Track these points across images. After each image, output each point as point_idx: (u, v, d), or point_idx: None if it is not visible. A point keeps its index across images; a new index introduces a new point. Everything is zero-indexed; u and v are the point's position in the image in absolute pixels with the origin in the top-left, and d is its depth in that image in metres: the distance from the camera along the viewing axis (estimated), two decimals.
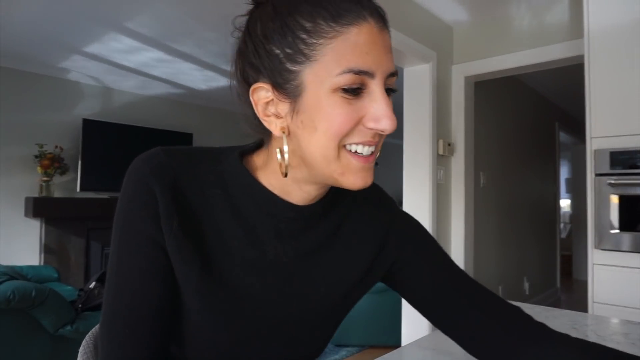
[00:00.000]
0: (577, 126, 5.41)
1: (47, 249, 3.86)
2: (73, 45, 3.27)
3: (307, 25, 0.48)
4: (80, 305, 2.36)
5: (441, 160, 2.79)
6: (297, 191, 0.56)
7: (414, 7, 2.58)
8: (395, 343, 2.98)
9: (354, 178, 0.51)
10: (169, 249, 0.53)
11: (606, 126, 1.83)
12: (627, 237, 1.77)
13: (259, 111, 0.53)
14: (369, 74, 0.48)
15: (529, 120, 4.28)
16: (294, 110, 0.50)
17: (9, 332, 2.01)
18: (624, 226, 1.77)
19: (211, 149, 0.59)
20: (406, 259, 0.64)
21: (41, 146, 3.72)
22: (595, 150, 1.85)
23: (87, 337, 0.76)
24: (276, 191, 0.56)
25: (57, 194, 3.87)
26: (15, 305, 1.95)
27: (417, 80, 2.71)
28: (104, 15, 2.77)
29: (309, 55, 0.48)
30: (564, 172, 7.01)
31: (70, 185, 4.01)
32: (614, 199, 1.80)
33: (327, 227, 0.60)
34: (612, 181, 1.80)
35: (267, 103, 0.52)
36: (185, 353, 0.60)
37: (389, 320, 3.10)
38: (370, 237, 0.63)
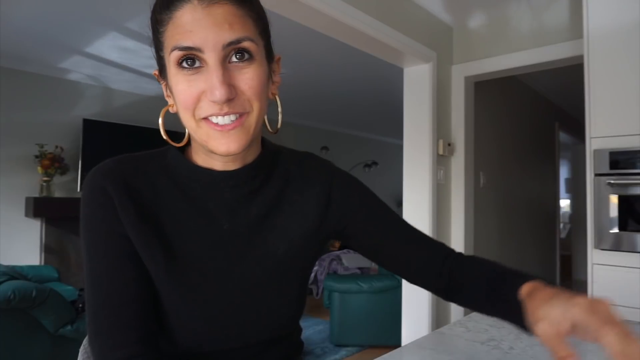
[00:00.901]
0: (577, 126, 5.41)
1: (48, 249, 3.87)
2: (73, 45, 3.27)
3: (158, 17, 0.56)
4: (80, 305, 2.36)
5: (441, 160, 2.79)
6: (214, 161, 0.61)
7: (414, 7, 2.58)
8: (395, 343, 2.98)
9: (216, 144, 0.56)
10: (132, 239, 0.58)
11: (606, 126, 1.83)
12: (626, 237, 1.77)
13: (165, 94, 0.62)
14: (195, 49, 0.53)
15: (528, 121, 4.28)
16: (168, 90, 0.60)
17: (9, 332, 2.02)
18: (624, 226, 1.77)
19: (157, 150, 0.66)
20: (352, 214, 0.70)
21: (41, 146, 3.72)
22: (594, 150, 1.85)
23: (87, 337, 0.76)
24: (206, 166, 0.62)
25: (57, 194, 3.87)
26: (16, 305, 1.95)
27: (417, 80, 2.71)
28: (104, 15, 2.77)
29: (162, 42, 0.56)
30: (563, 172, 7.01)
31: (70, 185, 4.01)
32: (614, 199, 1.80)
33: (271, 191, 0.65)
34: (612, 181, 1.80)
35: (164, 87, 0.61)
36: (166, 338, 0.62)
37: (389, 320, 3.10)
38: (314, 195, 0.68)
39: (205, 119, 0.55)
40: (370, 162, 6.51)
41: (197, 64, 0.54)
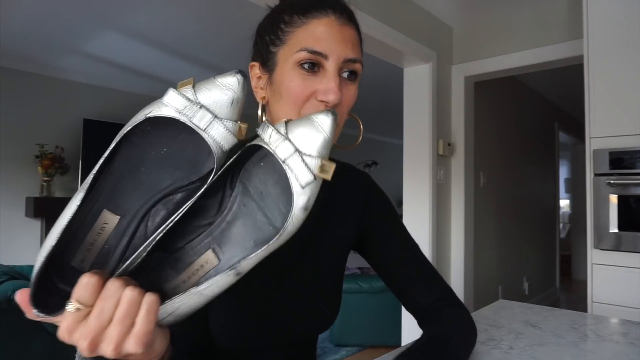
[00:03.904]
0: (576, 126, 5.41)
1: None
2: (73, 45, 3.28)
3: (286, 18, 0.62)
4: None
5: (441, 160, 2.79)
6: None
7: (414, 8, 2.59)
8: (396, 343, 2.98)
9: None
10: None
11: (605, 126, 1.83)
12: (626, 237, 1.77)
13: (252, 84, 0.66)
14: (322, 55, 0.60)
15: (528, 120, 4.29)
16: (269, 82, 0.65)
17: (9, 332, 2.02)
18: (623, 226, 1.78)
19: None
20: (375, 227, 0.77)
21: (42, 146, 3.72)
22: (594, 150, 1.85)
23: None
24: None
25: (57, 194, 3.87)
26: (16, 305, 1.95)
27: (417, 80, 2.72)
28: (104, 15, 2.77)
29: (283, 40, 0.62)
30: (563, 172, 7.01)
31: (71, 185, 4.01)
32: (613, 199, 1.80)
33: (324, 193, 0.70)
34: (612, 181, 1.80)
35: (258, 78, 0.66)
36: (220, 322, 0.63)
37: (389, 320, 3.10)
38: (354, 204, 0.76)
39: None
40: (370, 162, 6.51)
41: (315, 68, 0.61)
